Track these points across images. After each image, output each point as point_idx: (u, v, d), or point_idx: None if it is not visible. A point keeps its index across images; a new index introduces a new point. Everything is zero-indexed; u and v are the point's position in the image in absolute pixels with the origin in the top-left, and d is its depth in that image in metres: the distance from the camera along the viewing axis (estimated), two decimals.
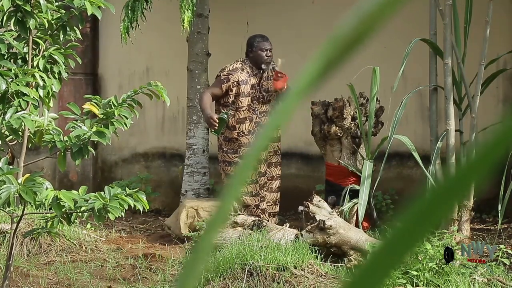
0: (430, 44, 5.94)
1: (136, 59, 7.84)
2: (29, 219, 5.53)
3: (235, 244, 4.87)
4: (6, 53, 3.65)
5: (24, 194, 3.16)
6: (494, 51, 6.22)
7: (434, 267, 4.33)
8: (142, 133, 7.96)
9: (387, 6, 0.45)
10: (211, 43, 6.83)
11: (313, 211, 5.25)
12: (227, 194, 0.48)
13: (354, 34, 0.46)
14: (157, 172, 7.90)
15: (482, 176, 0.43)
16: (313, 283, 4.44)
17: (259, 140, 0.49)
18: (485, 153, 0.43)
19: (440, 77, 5.93)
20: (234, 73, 6.02)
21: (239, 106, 6.02)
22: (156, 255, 5.45)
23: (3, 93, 3.48)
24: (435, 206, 0.44)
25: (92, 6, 3.57)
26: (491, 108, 6.90)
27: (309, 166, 7.53)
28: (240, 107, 6.02)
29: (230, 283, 4.46)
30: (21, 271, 5.00)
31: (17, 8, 3.52)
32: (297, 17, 7.49)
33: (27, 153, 3.69)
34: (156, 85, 3.70)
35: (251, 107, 6.04)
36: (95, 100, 3.69)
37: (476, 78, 5.80)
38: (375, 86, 5.92)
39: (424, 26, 6.12)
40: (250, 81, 6.05)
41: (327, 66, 0.47)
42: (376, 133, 6.17)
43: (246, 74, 6.05)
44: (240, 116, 6.03)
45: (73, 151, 3.54)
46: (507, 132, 0.43)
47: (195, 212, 6.12)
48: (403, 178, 7.32)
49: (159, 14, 7.07)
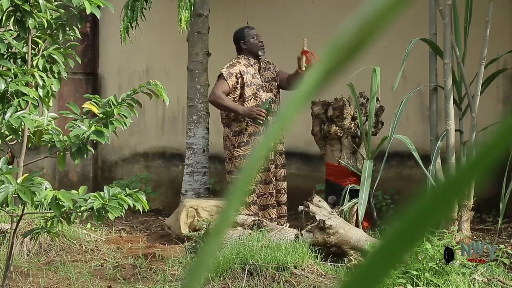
0: (430, 44, 5.94)
1: (136, 58, 7.84)
2: (29, 218, 5.53)
3: (235, 244, 4.87)
4: (6, 52, 3.65)
5: (22, 194, 3.15)
6: (494, 51, 6.22)
7: (434, 267, 4.33)
8: (142, 133, 7.96)
9: (387, 12, 0.45)
10: (211, 43, 6.83)
11: (313, 210, 5.25)
12: (237, 189, 0.48)
13: (355, 41, 0.46)
14: (157, 172, 7.90)
15: (482, 175, 0.43)
16: (313, 283, 4.44)
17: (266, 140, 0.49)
18: (485, 153, 0.43)
19: (440, 77, 5.93)
20: (234, 67, 6.03)
21: (245, 96, 6.01)
22: (156, 255, 5.44)
23: (3, 92, 3.47)
24: (435, 205, 0.43)
25: (91, 5, 3.56)
26: (491, 108, 6.90)
27: (309, 166, 7.53)
28: (247, 97, 6.01)
29: (230, 283, 4.46)
30: (21, 271, 5.00)
31: (16, 8, 3.52)
32: (297, 17, 7.49)
33: (27, 152, 3.69)
34: (155, 84, 3.70)
35: (257, 96, 6.03)
36: (95, 99, 3.69)
37: (476, 78, 5.79)
38: (375, 85, 5.92)
39: (424, 26, 6.12)
40: (250, 71, 6.05)
41: (328, 73, 0.46)
42: (376, 133, 6.17)
43: (244, 65, 6.06)
44: (248, 106, 6.01)
45: (72, 151, 3.53)
46: (507, 132, 0.43)
47: (195, 211, 6.12)
48: (403, 178, 7.32)
49: (159, 13, 7.07)
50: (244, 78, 5.99)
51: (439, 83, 5.96)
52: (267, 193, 6.03)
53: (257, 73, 6.10)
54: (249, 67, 6.08)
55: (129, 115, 3.65)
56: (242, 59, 6.10)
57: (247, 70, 6.05)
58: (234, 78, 5.99)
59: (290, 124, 0.48)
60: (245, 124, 5.99)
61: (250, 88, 6.02)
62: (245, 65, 6.07)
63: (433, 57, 6.01)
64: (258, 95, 6.03)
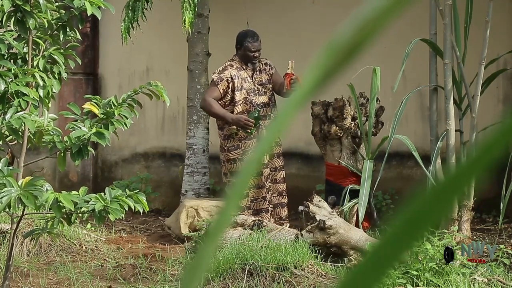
0: (430, 44, 5.94)
1: (136, 59, 7.84)
2: (29, 219, 5.53)
3: (235, 244, 4.87)
4: (6, 53, 3.65)
5: (25, 198, 3.15)
6: (494, 51, 6.22)
7: (434, 267, 4.33)
8: (142, 133, 7.96)
9: (387, 12, 0.45)
10: (211, 43, 6.83)
11: (313, 211, 5.25)
12: (233, 193, 0.48)
13: (354, 41, 0.46)
14: (157, 172, 7.90)
15: (482, 175, 0.43)
16: (313, 283, 4.44)
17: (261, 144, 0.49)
18: (485, 153, 0.43)
19: (440, 77, 5.93)
20: (225, 71, 6.02)
21: (235, 100, 6.00)
22: (156, 255, 5.45)
23: (3, 93, 3.47)
24: (434, 205, 0.44)
25: (92, 6, 3.56)
26: (491, 108, 6.90)
27: (309, 166, 7.53)
28: (237, 101, 6.00)
29: (230, 283, 4.46)
30: (21, 271, 5.00)
31: (16, 8, 3.52)
32: (297, 17, 7.49)
33: (27, 153, 3.69)
34: (156, 85, 3.70)
35: (247, 100, 6.02)
36: (95, 100, 3.69)
37: (476, 78, 5.79)
38: (375, 86, 5.92)
39: (424, 26, 6.12)
40: (242, 75, 6.04)
41: (326, 74, 0.47)
42: (376, 133, 6.17)
43: (236, 69, 6.04)
44: (238, 110, 6.01)
45: (72, 152, 3.53)
46: (507, 132, 0.43)
47: (195, 212, 6.12)
48: (403, 178, 7.32)
49: (159, 14, 7.07)
50: (234, 83, 5.98)
51: (439, 83, 5.96)
52: (260, 197, 6.02)
53: (250, 77, 6.08)
54: (241, 70, 6.06)
55: (129, 115, 3.66)
56: (235, 62, 6.08)
57: (239, 74, 6.03)
58: (225, 83, 5.99)
59: (287, 126, 0.48)
60: (235, 128, 5.99)
61: (241, 92, 6.01)
62: (238, 68, 6.06)
63: (433, 57, 6.01)
64: (249, 99, 6.02)
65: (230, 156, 6.05)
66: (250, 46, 6.03)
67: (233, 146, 6.04)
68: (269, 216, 5.98)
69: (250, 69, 6.09)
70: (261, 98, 6.07)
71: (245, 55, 6.05)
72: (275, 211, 6.11)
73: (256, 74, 6.11)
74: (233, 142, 6.04)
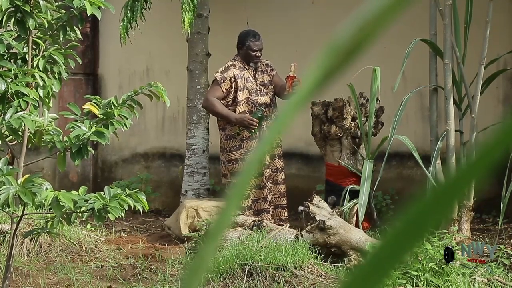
0: (430, 44, 5.94)
1: (136, 59, 7.84)
2: (29, 219, 5.53)
3: (235, 244, 4.87)
4: (6, 53, 3.65)
5: (23, 195, 3.16)
6: (494, 51, 6.22)
7: (434, 267, 4.33)
8: (142, 133, 7.96)
9: (387, 12, 0.45)
10: (211, 43, 6.83)
11: (313, 211, 5.25)
12: (234, 193, 0.48)
13: (354, 42, 0.46)
14: (157, 172, 7.90)
15: (482, 176, 0.43)
16: (313, 283, 4.44)
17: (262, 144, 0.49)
18: (485, 153, 0.43)
19: (440, 77, 5.93)
20: (228, 71, 6.01)
21: (238, 100, 6.00)
22: (156, 255, 5.45)
23: (3, 93, 3.47)
24: (435, 206, 0.43)
25: (92, 6, 3.56)
26: (491, 108, 6.90)
27: (309, 166, 7.53)
28: (239, 101, 6.00)
29: (230, 283, 4.46)
30: (21, 271, 5.00)
31: (16, 8, 3.52)
32: (297, 17, 7.49)
33: (27, 153, 3.69)
34: (156, 85, 3.70)
35: (249, 100, 6.02)
36: (95, 100, 3.69)
37: (476, 78, 5.79)
38: (375, 86, 5.92)
39: (424, 26, 6.11)
40: (245, 74, 6.04)
41: (326, 75, 0.46)
42: (376, 133, 6.17)
43: (238, 69, 6.04)
44: (240, 110, 6.00)
45: (72, 152, 3.53)
46: (507, 132, 0.43)
47: (195, 212, 6.12)
48: (403, 178, 7.32)
49: (159, 14, 7.07)
50: (237, 82, 5.98)
51: (439, 83, 5.96)
52: (261, 198, 6.03)
53: (252, 77, 6.08)
54: (244, 70, 6.06)
55: (129, 116, 3.66)
56: (238, 62, 6.07)
57: (242, 74, 6.03)
58: (228, 82, 5.98)
59: (287, 127, 0.48)
60: (238, 128, 5.98)
61: (243, 92, 6.01)
62: (240, 68, 6.06)
63: (433, 58, 6.01)
64: (251, 99, 6.02)
65: (232, 157, 6.04)
66: (252, 46, 6.03)
67: (235, 147, 6.03)
68: (269, 217, 5.98)
69: (252, 69, 6.09)
70: (263, 98, 6.08)
71: (247, 54, 6.05)
72: (275, 212, 6.12)
73: (258, 75, 6.11)
74: (235, 143, 6.03)
